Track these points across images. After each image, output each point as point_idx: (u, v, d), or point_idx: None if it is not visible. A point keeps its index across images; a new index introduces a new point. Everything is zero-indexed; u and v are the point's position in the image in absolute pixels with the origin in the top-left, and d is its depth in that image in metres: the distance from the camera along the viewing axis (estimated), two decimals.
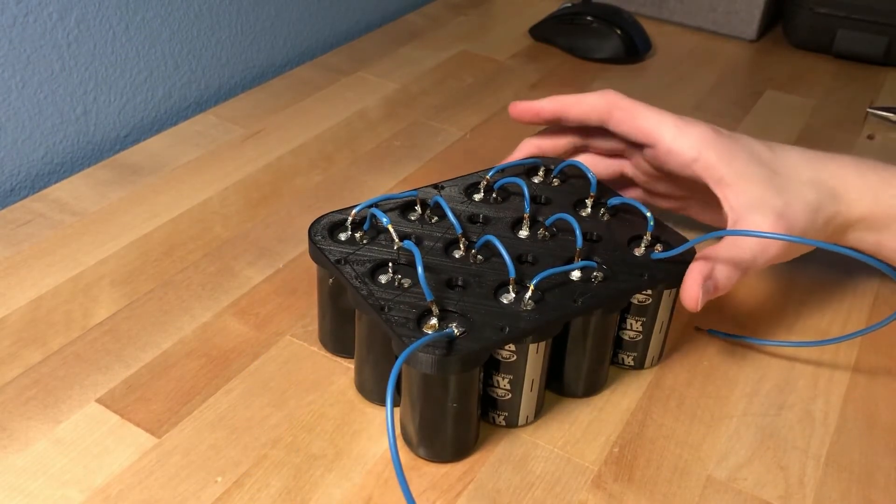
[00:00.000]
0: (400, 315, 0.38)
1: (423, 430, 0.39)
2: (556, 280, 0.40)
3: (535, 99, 0.50)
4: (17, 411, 0.41)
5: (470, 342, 0.37)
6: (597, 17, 0.80)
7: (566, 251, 0.42)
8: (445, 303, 0.39)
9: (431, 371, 0.36)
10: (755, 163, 0.45)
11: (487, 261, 0.42)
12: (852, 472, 0.41)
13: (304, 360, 0.45)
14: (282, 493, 0.38)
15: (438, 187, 0.47)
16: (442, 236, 0.43)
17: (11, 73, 0.57)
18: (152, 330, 0.46)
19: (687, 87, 0.77)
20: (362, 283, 0.39)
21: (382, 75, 0.75)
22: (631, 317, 0.44)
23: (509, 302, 0.39)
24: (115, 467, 0.39)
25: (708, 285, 0.41)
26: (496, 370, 0.40)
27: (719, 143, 0.45)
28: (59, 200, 0.56)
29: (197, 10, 0.68)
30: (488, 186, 0.47)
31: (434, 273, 0.41)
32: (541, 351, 0.40)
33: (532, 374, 0.40)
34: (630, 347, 0.45)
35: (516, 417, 0.41)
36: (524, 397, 0.41)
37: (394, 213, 0.44)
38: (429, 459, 0.40)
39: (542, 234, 0.44)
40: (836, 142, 0.69)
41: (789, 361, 0.47)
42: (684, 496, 0.39)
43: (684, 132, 0.46)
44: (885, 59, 0.81)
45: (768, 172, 0.45)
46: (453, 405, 0.38)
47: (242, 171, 0.60)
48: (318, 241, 0.42)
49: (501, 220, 0.45)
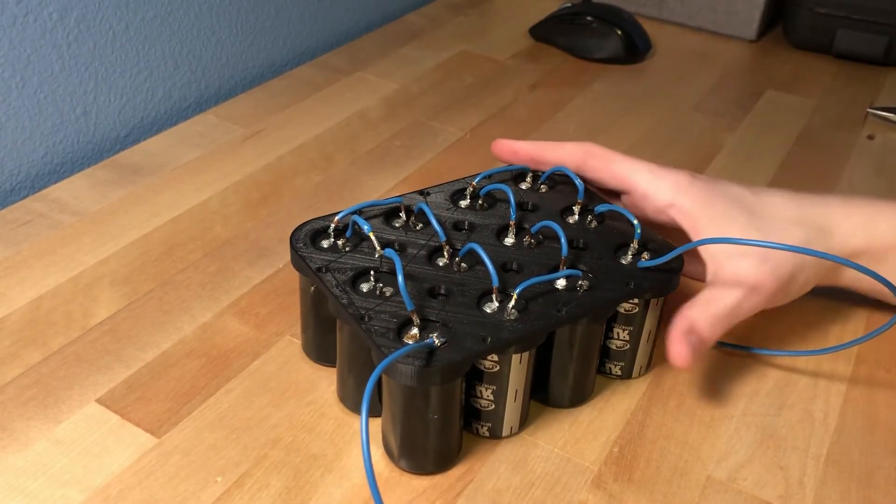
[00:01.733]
0: (380, 325, 0.37)
1: (404, 441, 0.38)
2: (541, 289, 0.40)
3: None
4: (17, 411, 0.41)
5: (451, 353, 0.36)
6: (597, 17, 0.80)
7: (552, 259, 0.42)
8: (427, 312, 0.38)
9: (411, 382, 0.35)
10: (735, 207, 0.44)
11: (471, 269, 0.41)
12: (852, 472, 0.41)
13: (305, 360, 0.45)
14: (282, 493, 0.38)
15: (424, 193, 0.46)
16: (426, 244, 0.42)
17: (11, 73, 0.57)
18: (152, 330, 0.46)
19: (687, 87, 0.77)
20: (343, 292, 0.39)
21: (382, 75, 0.75)
22: (618, 326, 0.43)
23: (492, 311, 0.38)
24: (115, 467, 0.39)
25: (692, 339, 0.40)
26: (479, 380, 0.39)
27: (695, 189, 0.44)
28: (59, 200, 0.56)
29: (197, 10, 0.68)
30: (474, 193, 0.46)
31: (417, 281, 0.40)
32: (524, 361, 0.39)
33: (516, 385, 0.39)
34: (617, 357, 0.44)
35: (500, 428, 0.41)
36: (508, 408, 0.40)
37: (378, 219, 0.44)
38: (410, 472, 0.39)
39: (528, 242, 0.43)
40: (836, 142, 0.69)
41: (790, 362, 0.47)
42: (684, 496, 0.39)
43: (659, 177, 0.45)
44: (885, 59, 0.81)
45: (748, 215, 0.44)
46: (434, 416, 0.37)
47: (242, 171, 0.60)
48: (299, 248, 0.41)
49: (487, 227, 0.44)
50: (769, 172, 0.64)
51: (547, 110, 0.71)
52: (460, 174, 0.48)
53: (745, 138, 0.69)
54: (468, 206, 0.46)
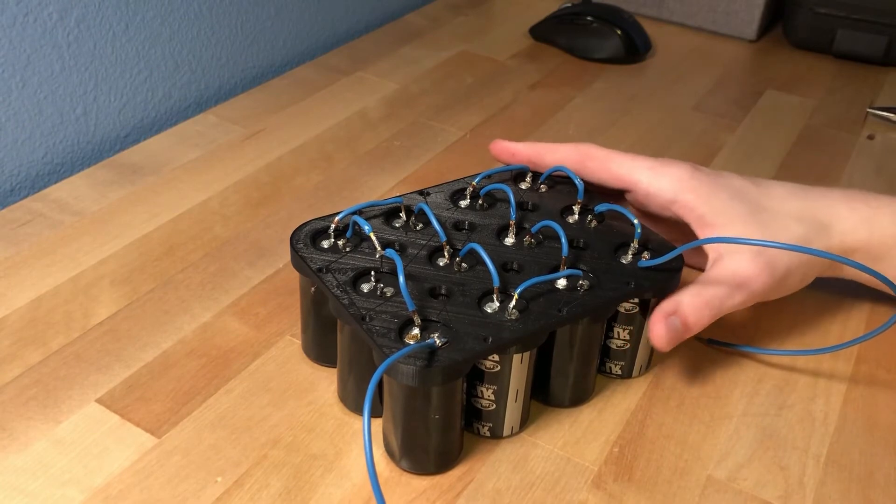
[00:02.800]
0: (381, 325, 0.37)
1: (406, 442, 0.38)
2: (541, 289, 0.40)
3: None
4: (17, 411, 0.41)
5: (452, 353, 0.36)
6: (597, 17, 0.80)
7: (552, 259, 0.42)
8: (428, 312, 0.38)
9: (412, 382, 0.35)
10: (737, 199, 0.44)
11: (472, 269, 0.41)
12: (852, 472, 0.41)
13: (305, 359, 0.45)
14: (282, 493, 0.38)
15: (424, 193, 0.46)
16: (426, 244, 0.42)
17: (11, 73, 0.57)
18: (152, 330, 0.46)
19: (687, 87, 0.77)
20: (343, 293, 0.39)
21: (382, 75, 0.75)
22: (618, 325, 0.43)
23: (493, 311, 0.38)
24: (115, 467, 0.39)
25: (674, 321, 0.41)
26: (480, 380, 0.39)
27: (697, 182, 0.44)
28: (59, 200, 0.56)
29: (197, 10, 0.68)
30: (474, 193, 0.46)
31: (417, 281, 0.40)
32: (525, 361, 0.39)
33: (517, 385, 0.39)
34: (617, 356, 0.44)
35: (501, 428, 0.41)
36: (509, 408, 0.40)
37: (378, 220, 0.44)
38: (411, 472, 0.39)
39: (528, 242, 0.43)
40: (837, 142, 0.69)
41: (790, 362, 0.47)
42: (684, 496, 0.39)
43: (660, 173, 0.45)
44: (885, 59, 0.81)
45: (751, 208, 0.44)
46: (435, 417, 0.37)
47: (242, 171, 0.60)
48: (299, 248, 0.41)
49: (487, 227, 0.44)
50: (769, 172, 0.64)
51: (547, 110, 0.71)
52: (460, 174, 0.49)
53: (745, 138, 0.69)
54: (468, 206, 0.46)
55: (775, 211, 0.44)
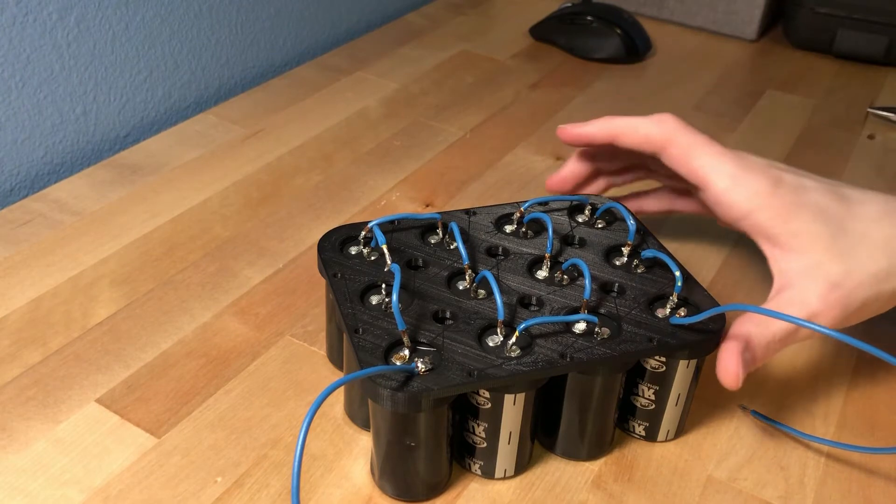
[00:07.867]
0: (371, 340, 0.36)
1: (383, 464, 0.37)
2: (553, 329, 0.37)
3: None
4: (17, 411, 0.41)
5: (428, 382, 0.34)
6: (597, 16, 0.80)
7: (578, 300, 0.39)
8: (424, 335, 0.36)
9: (382, 404, 0.34)
10: (820, 220, 0.39)
11: (489, 297, 0.39)
12: (852, 472, 0.41)
13: (304, 360, 0.45)
14: (282, 493, 0.38)
15: (470, 213, 0.44)
16: (451, 264, 0.41)
17: (11, 73, 0.57)
18: (152, 330, 0.46)
19: (687, 87, 0.77)
20: (349, 301, 0.38)
21: (382, 75, 0.75)
22: (643, 383, 0.40)
23: (494, 345, 0.36)
24: (114, 467, 0.39)
25: (746, 357, 0.37)
26: (473, 415, 0.37)
27: (777, 199, 0.40)
28: (59, 200, 0.56)
29: (197, 10, 0.68)
30: (520, 219, 0.43)
31: (426, 301, 0.38)
32: (519, 403, 0.36)
33: (509, 426, 0.37)
34: (642, 416, 0.41)
35: (493, 469, 0.38)
36: (500, 449, 0.38)
37: (414, 232, 0.42)
38: (389, 495, 0.38)
39: (560, 278, 0.40)
40: (837, 142, 0.69)
41: (789, 362, 0.47)
42: (684, 496, 0.39)
43: (740, 183, 0.41)
44: (885, 59, 0.81)
45: (833, 231, 0.39)
46: (410, 444, 0.35)
47: (242, 171, 0.60)
48: (324, 252, 0.41)
49: (521, 257, 0.41)
50: None
51: (547, 110, 0.71)
52: (460, 174, 0.48)
53: (745, 138, 0.69)
54: (513, 232, 0.43)
55: (861, 236, 0.39)
